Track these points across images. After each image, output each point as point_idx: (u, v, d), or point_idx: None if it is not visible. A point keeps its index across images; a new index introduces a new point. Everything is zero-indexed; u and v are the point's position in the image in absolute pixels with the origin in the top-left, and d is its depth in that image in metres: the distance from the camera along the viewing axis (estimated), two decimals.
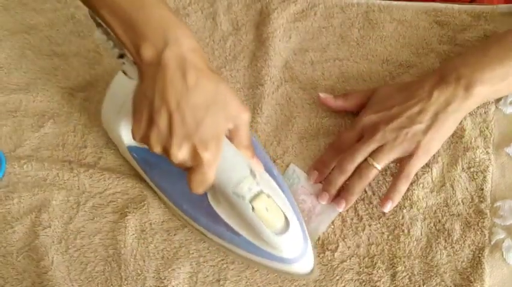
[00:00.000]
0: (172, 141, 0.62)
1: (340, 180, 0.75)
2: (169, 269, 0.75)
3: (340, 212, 0.76)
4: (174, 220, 0.78)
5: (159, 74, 0.61)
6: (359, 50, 0.86)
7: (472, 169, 0.76)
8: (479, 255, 0.71)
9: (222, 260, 0.75)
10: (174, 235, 0.77)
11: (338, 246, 0.74)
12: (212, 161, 0.63)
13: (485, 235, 0.72)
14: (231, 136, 0.67)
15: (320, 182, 0.78)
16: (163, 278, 0.74)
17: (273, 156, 0.80)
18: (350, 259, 0.74)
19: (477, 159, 0.76)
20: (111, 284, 0.75)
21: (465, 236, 0.73)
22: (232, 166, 0.66)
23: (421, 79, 0.77)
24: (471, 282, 0.70)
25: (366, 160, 0.74)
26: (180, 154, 0.62)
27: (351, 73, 0.85)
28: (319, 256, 0.74)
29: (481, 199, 0.74)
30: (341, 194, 0.76)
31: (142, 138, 0.64)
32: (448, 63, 0.77)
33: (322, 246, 0.74)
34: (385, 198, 0.74)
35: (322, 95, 0.81)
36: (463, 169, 0.76)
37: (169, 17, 0.63)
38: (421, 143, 0.73)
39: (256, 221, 0.66)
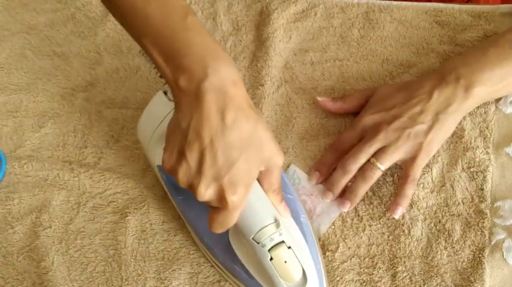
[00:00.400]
0: (200, 180, 0.59)
1: (344, 180, 0.75)
2: (170, 270, 0.75)
3: (340, 213, 0.76)
4: (175, 220, 0.78)
5: (195, 106, 0.58)
6: (359, 50, 0.86)
7: (472, 169, 0.76)
8: (480, 255, 0.71)
9: None
10: (175, 235, 0.77)
11: (338, 246, 0.74)
12: (238, 205, 0.60)
13: (485, 235, 0.72)
14: (261, 178, 0.65)
15: (321, 183, 0.78)
16: (163, 278, 0.74)
17: None
18: (350, 259, 0.74)
19: (477, 159, 0.76)
20: (112, 285, 0.75)
21: (465, 237, 0.73)
22: (257, 211, 0.64)
23: (420, 79, 0.77)
24: (471, 282, 0.70)
25: (369, 161, 0.74)
26: (207, 194, 0.59)
27: (351, 73, 0.85)
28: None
29: (481, 199, 0.74)
30: (345, 195, 0.75)
31: (171, 170, 0.61)
32: (447, 64, 0.77)
33: (322, 247, 0.74)
34: (394, 204, 0.74)
35: (320, 98, 0.81)
36: (463, 169, 0.76)
37: (211, 47, 0.60)
38: (423, 144, 0.73)
39: (273, 272, 0.64)
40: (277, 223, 0.63)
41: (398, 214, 0.73)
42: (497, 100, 0.80)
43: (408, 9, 0.87)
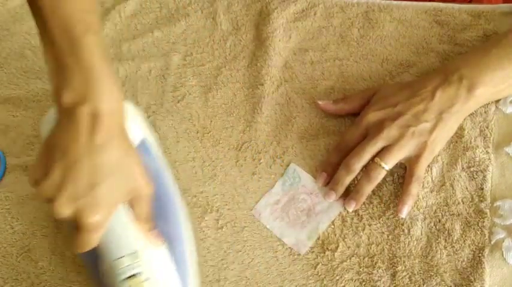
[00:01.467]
0: (59, 198, 0.59)
1: (348, 179, 0.75)
2: None
3: (340, 212, 0.76)
4: None
5: (69, 125, 0.59)
6: (359, 49, 0.86)
7: (472, 169, 0.76)
8: (479, 255, 0.71)
9: (222, 260, 0.75)
10: None
11: (338, 246, 0.74)
12: (95, 228, 0.61)
13: (485, 234, 0.72)
14: (130, 206, 0.66)
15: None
16: None
17: (273, 155, 0.80)
18: (350, 258, 0.73)
19: (477, 158, 0.76)
20: None
21: (465, 236, 0.72)
22: (116, 239, 0.64)
23: (423, 79, 0.77)
24: (471, 282, 0.70)
25: (373, 161, 0.74)
26: (64, 212, 0.60)
27: (351, 73, 0.84)
28: (319, 256, 0.74)
29: (481, 199, 0.74)
30: (350, 195, 0.75)
31: (35, 183, 0.61)
32: (450, 64, 0.76)
33: (322, 246, 0.74)
34: (400, 203, 0.73)
35: (321, 102, 0.81)
36: (463, 168, 0.76)
37: (100, 70, 0.60)
38: (427, 142, 0.73)
39: None
40: (135, 254, 0.64)
41: (405, 213, 0.73)
42: (497, 100, 0.79)
43: (408, 9, 0.87)
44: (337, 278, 0.73)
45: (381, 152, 0.73)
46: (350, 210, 0.75)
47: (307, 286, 0.73)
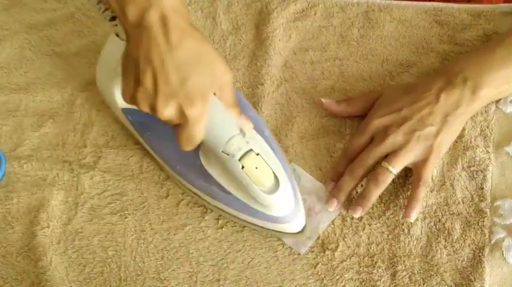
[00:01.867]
0: (157, 100, 0.63)
1: (351, 186, 0.75)
2: (170, 270, 0.75)
3: (340, 212, 0.76)
4: (174, 219, 0.78)
5: (143, 35, 0.62)
6: (359, 49, 0.86)
7: (472, 168, 0.76)
8: (480, 254, 0.71)
9: (222, 259, 0.75)
10: (174, 234, 0.77)
11: (338, 245, 0.74)
12: (198, 119, 0.64)
13: (485, 234, 0.72)
14: (218, 95, 0.68)
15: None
16: (163, 278, 0.74)
17: None
18: (350, 258, 0.73)
19: (477, 158, 0.76)
20: (110, 286, 0.75)
21: (465, 236, 0.72)
22: (222, 124, 0.67)
23: (426, 81, 0.76)
24: (471, 281, 0.70)
25: (381, 165, 0.73)
26: (166, 111, 0.63)
27: (351, 72, 0.84)
28: (319, 256, 0.74)
29: (481, 198, 0.74)
30: (356, 201, 0.75)
31: (131, 99, 0.65)
32: (453, 65, 0.76)
33: (322, 245, 0.74)
34: (408, 208, 0.73)
35: (324, 100, 0.81)
36: (463, 168, 0.76)
37: None
38: (433, 146, 0.73)
39: (246, 180, 0.67)
40: (242, 132, 0.67)
41: (413, 217, 0.73)
42: (498, 99, 0.79)
43: (408, 9, 0.87)
44: (337, 277, 0.73)
45: (388, 157, 0.73)
46: (356, 216, 0.75)
47: (307, 286, 0.73)
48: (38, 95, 0.87)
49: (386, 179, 0.73)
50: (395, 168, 0.73)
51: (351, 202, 0.76)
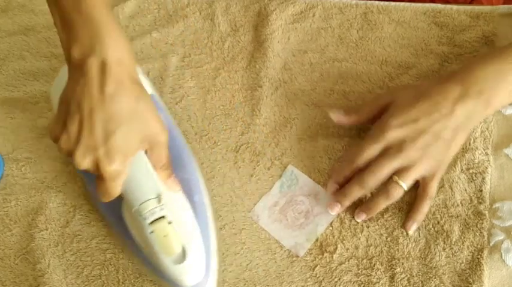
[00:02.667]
0: (77, 150, 0.62)
1: (359, 195, 0.74)
2: None
3: (338, 214, 0.76)
4: None
5: (80, 79, 0.62)
6: (358, 51, 0.86)
7: (471, 170, 0.76)
8: (478, 256, 0.71)
9: (221, 262, 0.75)
10: None
11: (336, 248, 0.74)
12: (115, 176, 0.63)
13: (484, 236, 0.72)
14: (148, 154, 0.67)
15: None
16: None
17: (271, 157, 0.80)
18: (348, 260, 0.73)
19: (476, 160, 0.76)
20: None
21: (464, 238, 0.72)
22: (140, 185, 0.66)
23: (441, 88, 0.73)
24: (470, 283, 0.70)
25: (392, 179, 0.72)
26: (84, 163, 0.62)
27: (350, 74, 0.84)
28: (317, 258, 0.74)
29: (480, 200, 0.74)
30: (363, 208, 0.74)
31: (54, 139, 0.64)
32: (468, 73, 0.73)
33: (320, 248, 0.74)
34: (410, 220, 0.73)
35: (333, 115, 0.78)
36: (462, 170, 0.76)
37: (105, 24, 0.63)
38: (443, 161, 0.72)
39: (154, 244, 0.66)
40: (158, 198, 0.66)
41: (413, 229, 0.73)
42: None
43: (407, 10, 0.87)
44: (336, 280, 0.72)
45: (400, 171, 0.72)
46: (359, 220, 0.74)
47: None
48: (36, 97, 0.87)
49: (398, 195, 0.72)
50: (406, 183, 0.72)
51: (352, 206, 0.75)
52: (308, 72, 0.85)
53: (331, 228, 0.75)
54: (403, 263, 0.72)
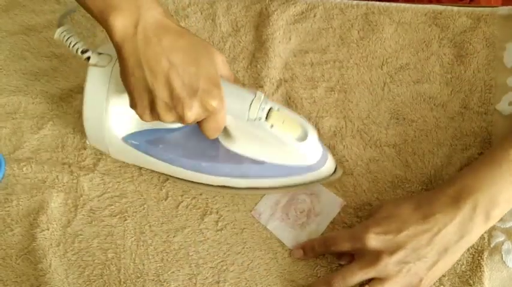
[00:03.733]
0: (182, 106, 0.63)
1: None
2: (169, 272, 0.75)
3: (339, 213, 0.76)
4: (174, 221, 0.78)
5: (139, 47, 0.62)
6: (359, 51, 0.86)
7: None
8: (479, 258, 0.71)
9: (222, 261, 0.75)
10: (174, 236, 0.77)
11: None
12: (221, 105, 0.65)
13: (484, 237, 0.72)
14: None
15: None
16: (163, 281, 0.74)
17: None
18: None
19: None
20: None
21: None
22: (237, 96, 0.69)
23: (432, 197, 0.69)
24: (470, 285, 0.70)
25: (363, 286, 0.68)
26: (192, 113, 0.64)
27: (351, 75, 0.84)
28: (318, 258, 0.74)
29: None
30: None
31: (152, 115, 0.65)
32: (461, 186, 0.68)
33: None
34: None
35: (296, 252, 0.74)
36: (461, 170, 0.76)
37: None
38: (423, 280, 0.67)
39: (279, 135, 0.69)
40: (258, 95, 0.69)
41: None
42: (496, 101, 0.79)
43: (407, 11, 0.87)
44: None
45: (373, 282, 0.68)
46: None
47: None
48: (37, 97, 0.87)
49: None
50: None
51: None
52: (309, 72, 0.85)
53: (332, 227, 0.75)
54: None
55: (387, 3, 0.88)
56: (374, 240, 0.67)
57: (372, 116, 0.81)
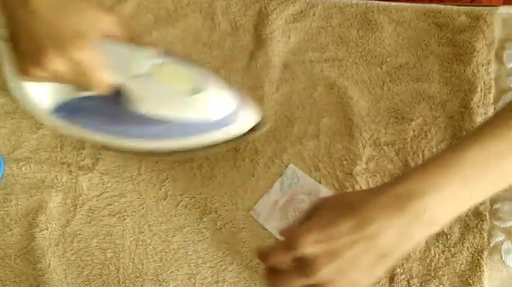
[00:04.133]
0: (45, 56, 0.63)
1: None
2: (168, 272, 0.75)
3: None
4: (173, 220, 0.78)
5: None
6: (358, 50, 0.86)
7: None
8: (478, 257, 0.71)
9: (221, 261, 0.75)
10: (173, 236, 0.77)
11: None
12: (90, 58, 0.65)
13: (484, 237, 0.72)
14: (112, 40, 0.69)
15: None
16: (161, 280, 0.75)
17: (272, 156, 0.80)
18: None
19: None
20: None
21: (464, 239, 0.73)
22: (122, 54, 0.69)
23: (373, 201, 0.62)
24: (470, 285, 0.70)
25: None
26: (56, 63, 0.63)
27: (350, 73, 0.84)
28: None
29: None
30: None
31: (29, 71, 0.65)
32: (406, 188, 0.62)
33: None
34: None
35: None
36: None
37: None
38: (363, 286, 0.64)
39: (169, 88, 0.69)
40: (148, 52, 0.69)
41: None
42: (496, 101, 0.79)
43: (406, 10, 0.87)
44: None
45: None
46: None
47: None
48: None
49: None
50: None
51: None
52: (308, 71, 0.85)
53: None
54: (402, 264, 0.72)
55: (386, 2, 0.88)
56: (309, 247, 0.62)
57: (371, 115, 0.81)
